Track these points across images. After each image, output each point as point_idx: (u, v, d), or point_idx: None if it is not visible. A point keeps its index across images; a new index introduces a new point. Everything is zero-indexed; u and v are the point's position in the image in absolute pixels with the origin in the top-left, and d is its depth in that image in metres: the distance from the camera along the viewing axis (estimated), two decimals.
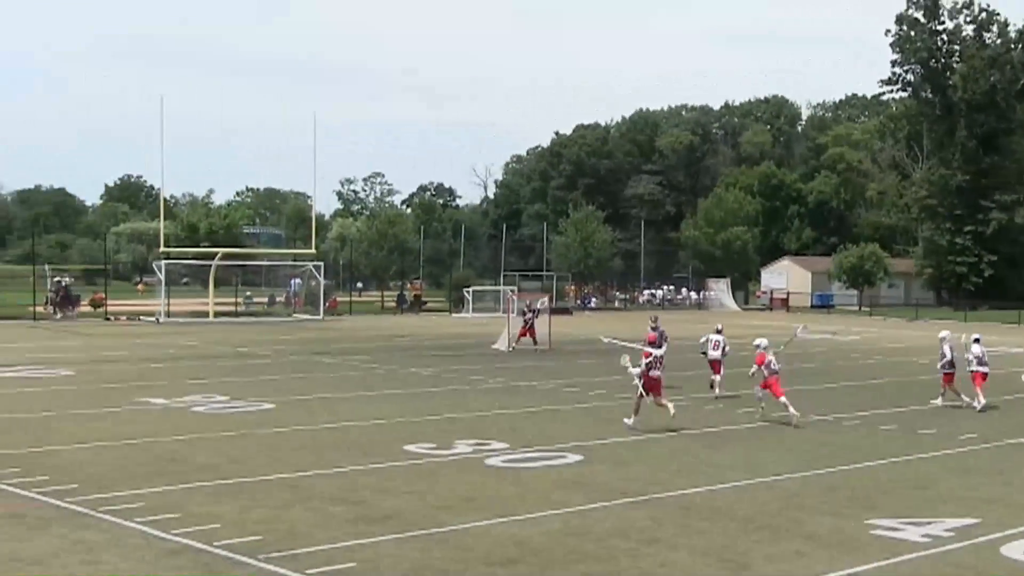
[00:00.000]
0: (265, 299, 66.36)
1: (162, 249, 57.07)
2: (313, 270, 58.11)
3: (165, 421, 18.78)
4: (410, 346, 38.24)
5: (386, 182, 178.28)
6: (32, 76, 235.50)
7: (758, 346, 20.35)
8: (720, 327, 24.85)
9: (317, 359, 32.18)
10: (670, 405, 18.75)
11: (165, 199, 68.38)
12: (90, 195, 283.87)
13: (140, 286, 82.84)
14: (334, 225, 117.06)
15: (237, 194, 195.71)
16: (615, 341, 21.94)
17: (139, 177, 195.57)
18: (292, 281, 61.78)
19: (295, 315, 58.58)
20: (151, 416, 19.48)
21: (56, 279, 53.89)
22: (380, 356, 33.17)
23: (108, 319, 52.03)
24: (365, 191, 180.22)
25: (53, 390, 23.26)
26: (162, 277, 53.82)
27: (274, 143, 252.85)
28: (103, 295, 56.79)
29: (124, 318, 51.71)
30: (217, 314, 54.73)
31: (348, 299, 66.67)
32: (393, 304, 69.11)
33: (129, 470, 14.26)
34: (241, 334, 43.63)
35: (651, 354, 18.96)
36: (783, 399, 19.59)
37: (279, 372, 28.08)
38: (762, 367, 20.06)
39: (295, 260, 65.13)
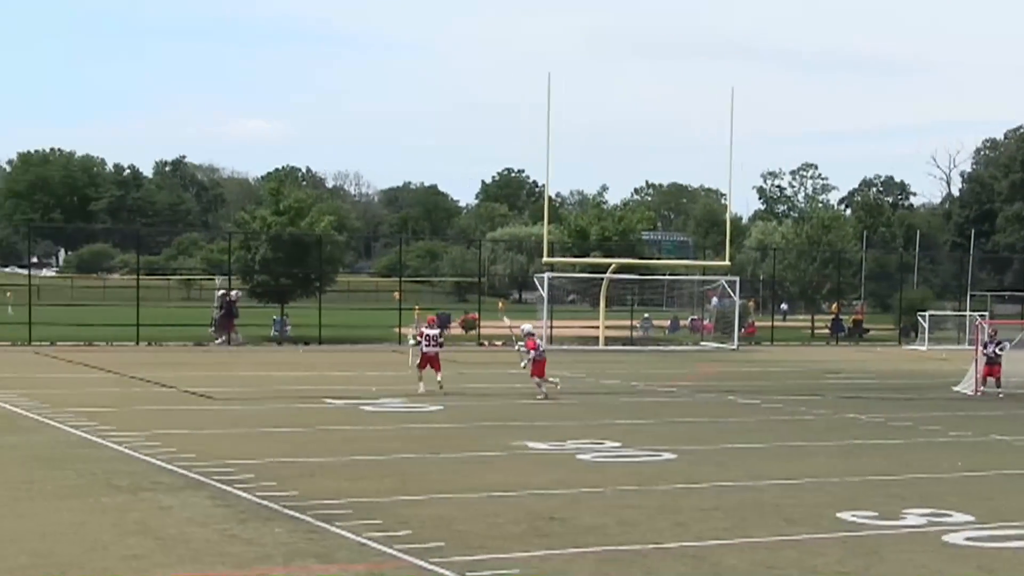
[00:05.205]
0: (667, 322, 67.28)
1: (545, 259, 59.00)
2: (726, 287, 58.34)
3: (544, 470, 19.44)
4: (847, 385, 37.66)
5: (820, 176, 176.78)
6: (401, 64, 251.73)
7: (530, 333, 31.43)
8: None
9: (729, 399, 32.33)
10: None
11: (550, 198, 70.78)
12: (465, 194, 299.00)
13: (501, 304, 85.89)
14: (753, 230, 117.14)
15: (635, 192, 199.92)
16: None
17: (520, 172, 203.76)
18: (714, 300, 61.99)
19: (703, 343, 59.04)
20: (529, 463, 20.22)
21: (220, 292, 55.33)
22: (809, 397, 32.88)
23: (481, 344, 54.46)
24: (793, 187, 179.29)
25: (419, 428, 24.64)
26: (544, 293, 55.43)
27: (681, 129, 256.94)
28: (476, 315, 59.50)
29: (500, 343, 53.90)
30: (608, 340, 56.02)
31: (769, 324, 66.45)
32: (826, 331, 68.28)
33: (502, 528, 14.86)
34: (636, 365, 44.50)
35: None
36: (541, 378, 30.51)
37: (682, 414, 28.42)
38: (534, 351, 30.58)
39: (704, 273, 65.64)
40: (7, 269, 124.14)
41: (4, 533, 14.03)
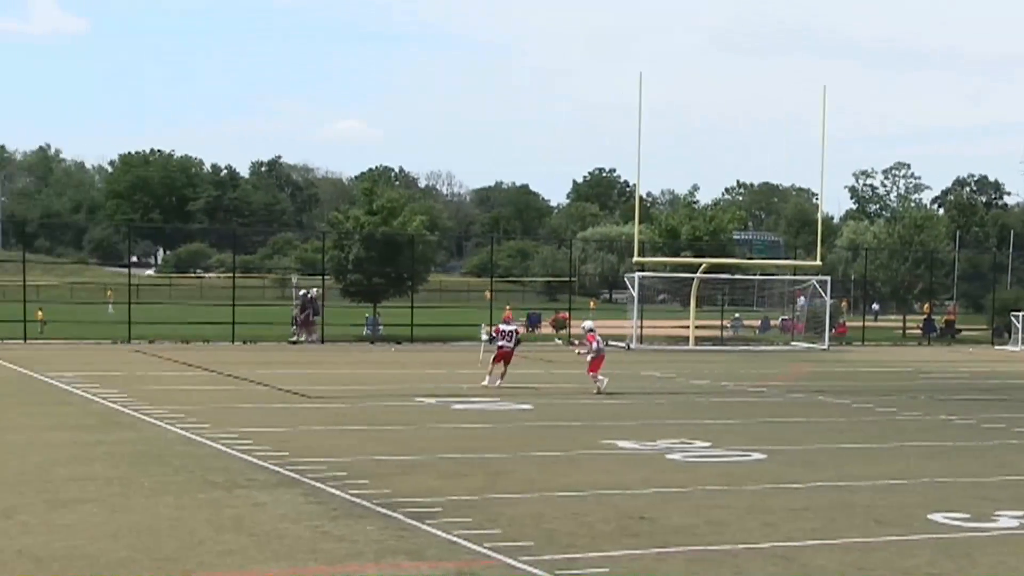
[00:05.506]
0: (757, 322, 66.85)
1: (635, 259, 58.78)
2: (817, 287, 57.84)
3: (634, 469, 19.39)
4: (939, 386, 37.16)
5: (913, 175, 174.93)
6: (493, 64, 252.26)
7: (591, 329, 32.21)
8: None
9: (820, 399, 32.05)
10: None
11: (641, 197, 70.39)
12: (556, 193, 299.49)
13: (593, 302, 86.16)
14: (844, 230, 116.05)
15: (726, 191, 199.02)
16: None
17: (611, 171, 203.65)
18: (801, 300, 61.65)
19: (793, 343, 58.59)
20: (618, 463, 20.18)
21: (302, 291, 55.43)
22: (899, 398, 32.51)
23: (571, 343, 54.44)
24: (885, 187, 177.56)
25: (510, 427, 24.68)
26: (635, 293, 55.28)
27: (773, 128, 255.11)
28: (566, 314, 59.49)
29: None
30: (698, 340, 55.76)
31: (860, 324, 65.81)
32: (918, 331, 67.51)
33: (592, 527, 14.84)
34: (726, 365, 44.25)
35: None
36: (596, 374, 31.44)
37: (772, 414, 28.21)
38: (593, 344, 31.63)
39: (795, 273, 65.17)
40: (109, 268, 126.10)
41: (103, 527, 14.25)
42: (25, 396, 28.93)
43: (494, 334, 33.55)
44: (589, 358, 32.06)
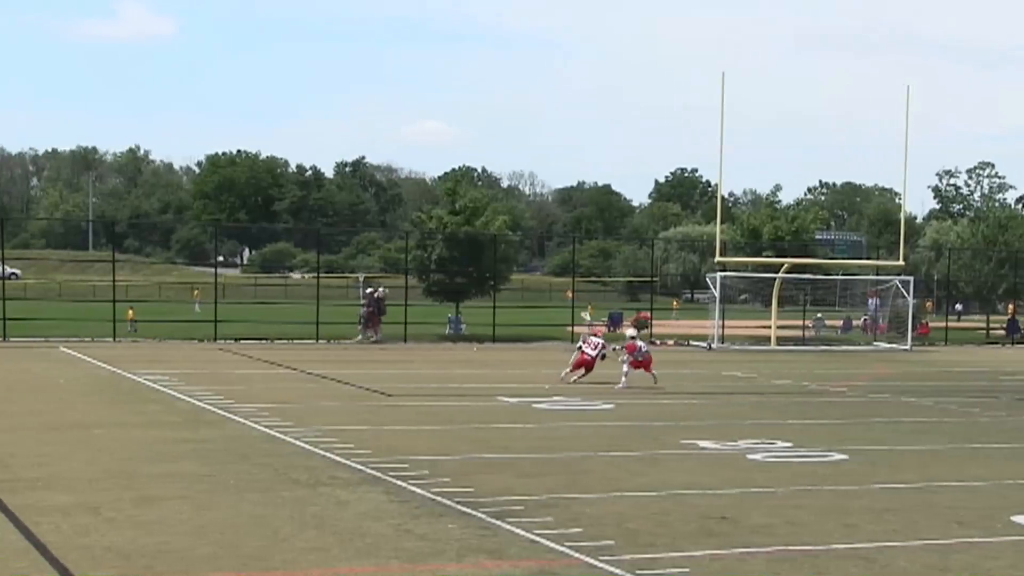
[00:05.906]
0: (839, 322, 66.32)
1: (717, 259, 58.49)
2: (900, 287, 57.24)
3: (715, 469, 19.30)
4: (1021, 388, 36.65)
5: (997, 175, 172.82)
6: (575, 65, 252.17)
7: (632, 337, 33.64)
8: None
9: (902, 399, 31.72)
10: None
11: (723, 198, 69.88)
12: (638, 193, 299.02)
13: (676, 302, 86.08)
14: (928, 229, 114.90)
15: (809, 191, 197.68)
16: None
17: (693, 171, 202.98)
18: (870, 302, 61.19)
19: (875, 343, 58.04)
20: (699, 462, 20.09)
21: (368, 290, 55.40)
22: (983, 399, 32.09)
23: (653, 343, 54.26)
24: (969, 186, 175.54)
25: (591, 426, 24.64)
26: (716, 293, 55.01)
27: (856, 127, 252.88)
28: (648, 314, 59.36)
29: (671, 342, 53.64)
30: (780, 340, 55.39)
31: (943, 324, 65.03)
32: (1001, 332, 66.63)
33: (672, 527, 14.80)
34: (808, 365, 43.94)
35: None
36: (653, 372, 32.87)
37: (854, 415, 27.96)
38: (633, 354, 32.82)
39: (877, 273, 64.56)
40: (195, 268, 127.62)
41: (188, 524, 14.40)
42: (113, 394, 29.32)
43: (583, 345, 34.16)
44: (630, 361, 32.97)
